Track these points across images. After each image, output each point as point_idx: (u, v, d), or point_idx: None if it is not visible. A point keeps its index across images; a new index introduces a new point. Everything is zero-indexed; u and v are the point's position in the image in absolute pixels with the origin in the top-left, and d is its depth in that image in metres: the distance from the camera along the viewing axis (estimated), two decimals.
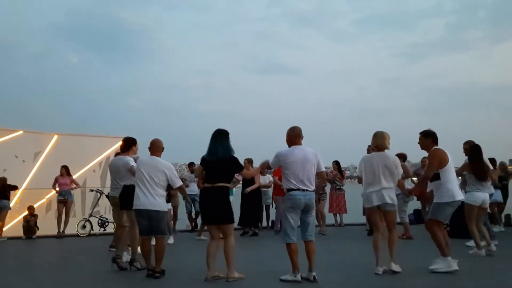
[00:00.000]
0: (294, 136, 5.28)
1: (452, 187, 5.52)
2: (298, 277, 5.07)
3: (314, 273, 5.09)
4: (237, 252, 5.44)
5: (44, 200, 11.62)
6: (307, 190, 5.08)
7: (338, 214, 11.24)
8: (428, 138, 5.71)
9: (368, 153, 9.29)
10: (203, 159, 5.41)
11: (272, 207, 10.79)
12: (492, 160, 8.12)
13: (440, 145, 5.66)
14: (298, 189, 5.05)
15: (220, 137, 5.40)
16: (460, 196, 5.61)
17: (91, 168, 12.48)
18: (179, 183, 5.71)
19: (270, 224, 10.94)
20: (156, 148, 5.72)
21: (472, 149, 6.93)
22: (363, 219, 10.69)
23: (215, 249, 5.27)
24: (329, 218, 11.34)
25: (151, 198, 5.42)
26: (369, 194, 5.57)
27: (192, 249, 8.11)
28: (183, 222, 11.64)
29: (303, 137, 5.30)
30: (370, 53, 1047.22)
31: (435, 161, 5.53)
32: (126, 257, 6.21)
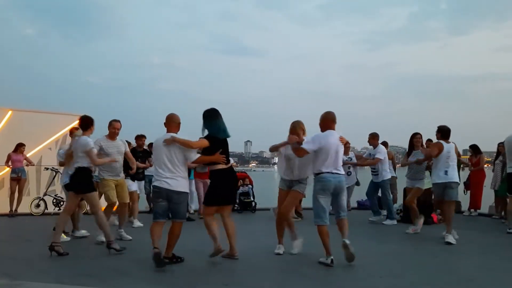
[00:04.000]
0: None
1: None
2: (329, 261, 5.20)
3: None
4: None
5: None
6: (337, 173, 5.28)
7: None
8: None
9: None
10: (215, 138, 5.19)
11: None
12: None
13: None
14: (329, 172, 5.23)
15: (220, 116, 5.35)
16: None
17: (47, 145, 12.16)
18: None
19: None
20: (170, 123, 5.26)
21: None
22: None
23: None
24: None
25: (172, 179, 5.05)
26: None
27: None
28: (141, 203, 11.56)
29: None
30: (333, 38, 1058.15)
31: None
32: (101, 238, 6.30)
